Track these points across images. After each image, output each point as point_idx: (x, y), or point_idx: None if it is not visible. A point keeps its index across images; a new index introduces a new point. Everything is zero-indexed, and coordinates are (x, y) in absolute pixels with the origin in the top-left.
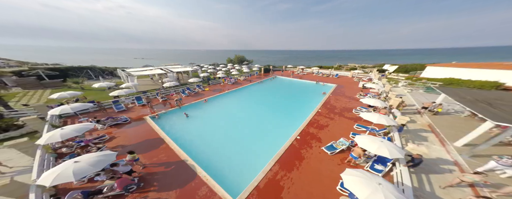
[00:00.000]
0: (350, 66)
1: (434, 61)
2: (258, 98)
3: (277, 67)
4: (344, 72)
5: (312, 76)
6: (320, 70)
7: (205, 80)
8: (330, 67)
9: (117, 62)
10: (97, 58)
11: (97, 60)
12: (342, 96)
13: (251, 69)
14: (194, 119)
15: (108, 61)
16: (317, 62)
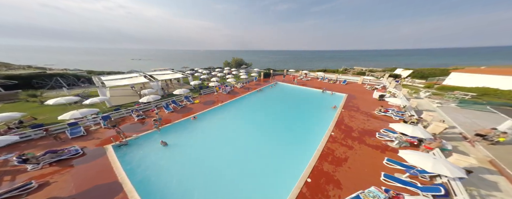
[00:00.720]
0: (357, 70)
1: (439, 61)
2: (256, 114)
3: (277, 71)
4: (351, 77)
5: (317, 83)
6: (325, 75)
7: (196, 88)
8: (335, 70)
9: (113, 63)
10: (93, 59)
11: (90, 62)
12: (357, 111)
13: (249, 73)
14: (175, 149)
15: (102, 63)
16: (318, 63)
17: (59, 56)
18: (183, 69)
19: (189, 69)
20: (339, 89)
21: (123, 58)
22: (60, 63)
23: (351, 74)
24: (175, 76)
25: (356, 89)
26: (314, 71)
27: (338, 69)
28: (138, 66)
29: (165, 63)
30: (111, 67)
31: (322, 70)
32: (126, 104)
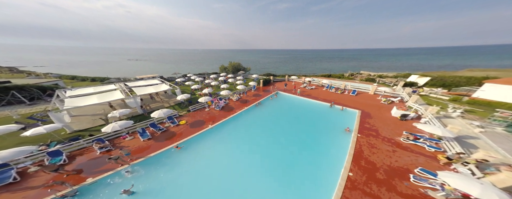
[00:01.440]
0: (365, 75)
1: (444, 61)
2: (253, 140)
3: (278, 77)
4: (360, 85)
5: (323, 92)
6: (331, 82)
7: (185, 103)
8: (340, 75)
9: (106, 64)
10: (86, 59)
11: (81, 63)
12: (377, 137)
13: (248, 81)
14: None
15: (95, 64)
16: (318, 64)
17: (51, 56)
18: (174, 75)
19: (180, 76)
20: (349, 102)
21: (119, 58)
22: (50, 64)
23: (359, 80)
24: (160, 88)
25: (369, 102)
26: (318, 76)
27: (344, 74)
28: (132, 69)
29: (161, 64)
30: (100, 71)
31: (327, 75)
32: (93, 128)
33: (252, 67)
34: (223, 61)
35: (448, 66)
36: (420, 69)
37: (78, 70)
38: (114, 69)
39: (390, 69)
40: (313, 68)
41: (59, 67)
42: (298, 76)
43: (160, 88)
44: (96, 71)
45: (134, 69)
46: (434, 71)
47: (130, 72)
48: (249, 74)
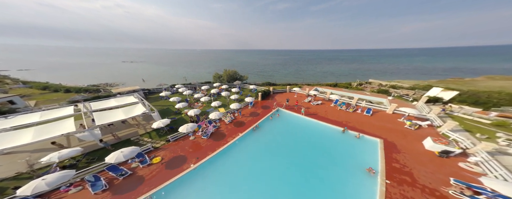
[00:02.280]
0: (375, 84)
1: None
2: (249, 179)
3: (278, 87)
4: (372, 98)
5: (331, 109)
6: (341, 97)
7: (164, 129)
8: (347, 85)
9: (97, 68)
10: (80, 61)
11: (71, 66)
12: (414, 186)
13: (244, 93)
14: None
15: (86, 67)
16: (319, 66)
17: (42, 58)
18: (160, 87)
19: (167, 86)
20: (365, 125)
21: (114, 60)
22: (37, 67)
23: (370, 92)
24: (133, 111)
25: (389, 125)
26: (322, 86)
27: (352, 83)
28: (122, 73)
29: (156, 66)
30: (86, 76)
31: (332, 84)
32: (21, 177)
33: (250, 70)
34: (221, 62)
35: (454, 70)
36: (426, 73)
37: (64, 74)
38: (103, 73)
39: (395, 74)
40: (314, 71)
41: (44, 70)
42: (300, 86)
43: (132, 112)
44: (82, 76)
45: (124, 73)
46: (449, 78)
47: (120, 77)
48: (246, 83)
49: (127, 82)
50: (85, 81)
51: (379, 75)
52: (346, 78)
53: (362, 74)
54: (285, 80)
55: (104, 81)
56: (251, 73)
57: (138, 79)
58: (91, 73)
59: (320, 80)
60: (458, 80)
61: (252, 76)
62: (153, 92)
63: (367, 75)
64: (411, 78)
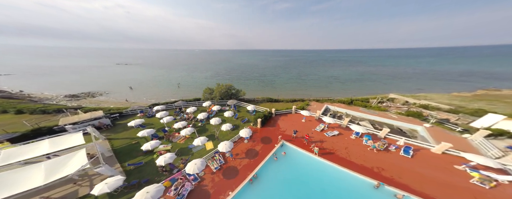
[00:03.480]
0: (400, 102)
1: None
2: None
3: (281, 107)
4: (402, 124)
5: (353, 145)
6: (358, 116)
7: (121, 189)
8: (364, 103)
9: (87, 72)
10: (71, 64)
11: (60, 70)
12: None
13: (240, 115)
14: None
15: (71, 72)
16: (322, 69)
17: (30, 61)
18: (134, 109)
19: (145, 108)
20: (407, 174)
21: (108, 62)
22: (20, 71)
23: (396, 114)
24: (64, 169)
25: (444, 177)
26: (334, 103)
27: (370, 100)
28: (110, 79)
29: (150, 70)
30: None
31: (347, 101)
32: None
33: (250, 75)
34: (219, 65)
35: (470, 74)
36: (440, 78)
37: (46, 80)
38: (91, 78)
39: (407, 79)
40: (317, 76)
41: (26, 75)
42: (307, 102)
43: (62, 170)
44: (65, 82)
45: (114, 78)
46: (479, 89)
47: (107, 84)
48: (243, 99)
49: (112, 90)
50: (65, 89)
51: (389, 81)
52: (354, 85)
53: (370, 79)
54: (288, 86)
55: (88, 89)
56: (250, 78)
57: (126, 87)
58: (76, 79)
59: (326, 87)
60: (498, 94)
61: (252, 82)
62: (126, 116)
63: (376, 81)
64: (426, 84)
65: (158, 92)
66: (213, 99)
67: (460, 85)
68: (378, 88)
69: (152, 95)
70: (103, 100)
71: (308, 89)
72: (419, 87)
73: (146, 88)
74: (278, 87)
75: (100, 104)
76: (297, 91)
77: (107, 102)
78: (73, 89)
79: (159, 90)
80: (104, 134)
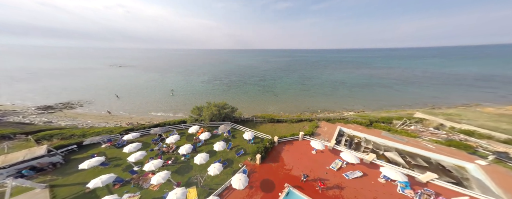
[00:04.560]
0: (432, 124)
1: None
2: None
3: (284, 133)
4: (444, 158)
5: (381, 191)
6: (382, 144)
7: None
8: (387, 124)
9: (74, 75)
10: (61, 67)
11: (44, 74)
12: None
13: (235, 142)
14: None
15: (57, 76)
16: (325, 72)
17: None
18: (101, 138)
19: (115, 136)
20: None
21: (102, 64)
22: (4, 74)
23: (432, 142)
24: None
25: None
26: (348, 124)
27: (393, 122)
28: (95, 86)
29: (144, 73)
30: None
31: (365, 123)
32: None
33: (249, 79)
34: (218, 67)
35: (490, 78)
36: (457, 83)
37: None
38: (77, 83)
39: (420, 84)
40: (321, 80)
41: (6, 80)
42: (315, 123)
43: None
44: (46, 89)
45: (102, 84)
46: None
47: (92, 91)
48: (239, 119)
49: (95, 100)
50: (43, 98)
51: (401, 87)
52: (363, 92)
53: (379, 84)
54: (290, 93)
55: (68, 98)
56: (249, 82)
57: (113, 94)
58: (59, 85)
59: (332, 94)
60: None
61: (251, 88)
62: (88, 146)
63: (387, 87)
64: (441, 90)
65: (148, 102)
66: (203, 121)
67: (482, 94)
68: (391, 97)
69: (140, 106)
70: (81, 112)
71: (313, 96)
72: (434, 95)
73: (135, 96)
74: (279, 94)
75: (76, 118)
76: (301, 99)
77: (85, 115)
78: (51, 98)
79: (149, 99)
80: (48, 178)
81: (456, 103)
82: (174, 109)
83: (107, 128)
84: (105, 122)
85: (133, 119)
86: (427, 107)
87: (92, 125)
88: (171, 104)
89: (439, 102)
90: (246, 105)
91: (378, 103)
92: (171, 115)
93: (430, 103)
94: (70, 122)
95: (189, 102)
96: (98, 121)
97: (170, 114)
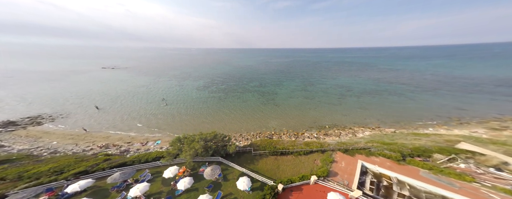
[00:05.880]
0: (491, 163)
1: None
2: None
3: (290, 165)
4: None
5: None
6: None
7: None
8: (425, 156)
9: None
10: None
11: (33, 76)
12: None
13: (227, 188)
14: None
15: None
16: (330, 75)
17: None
18: (31, 195)
19: (54, 185)
20: None
21: (94, 66)
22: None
23: (496, 190)
24: None
25: None
26: (371, 155)
27: (433, 155)
28: (84, 91)
29: (137, 77)
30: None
31: (397, 156)
32: None
33: (247, 85)
34: (215, 69)
35: (507, 84)
36: (474, 91)
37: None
38: (55, 91)
39: (436, 92)
40: (325, 85)
41: None
42: (328, 155)
43: None
44: (20, 97)
45: (84, 92)
46: None
47: (71, 100)
48: (232, 154)
49: (72, 112)
50: (10, 109)
51: (416, 95)
52: (374, 101)
53: (389, 91)
54: (292, 103)
55: (39, 111)
56: (248, 89)
57: (94, 104)
58: (36, 93)
59: (339, 104)
60: None
61: (250, 96)
62: None
63: (400, 95)
64: (462, 99)
65: (133, 114)
66: (187, 157)
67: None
68: (406, 107)
69: (123, 120)
70: (49, 130)
71: (318, 107)
72: (457, 106)
73: (119, 107)
74: (281, 103)
75: (39, 139)
76: (305, 110)
77: (52, 134)
78: (19, 111)
79: (135, 110)
80: None
81: (486, 117)
82: (160, 125)
83: (59, 164)
84: (74, 143)
85: (109, 139)
86: (453, 122)
87: (56, 148)
88: (158, 117)
89: (465, 115)
90: (244, 119)
91: (394, 115)
92: (157, 135)
93: (455, 117)
94: (28, 146)
95: (178, 116)
96: (65, 143)
97: (155, 130)
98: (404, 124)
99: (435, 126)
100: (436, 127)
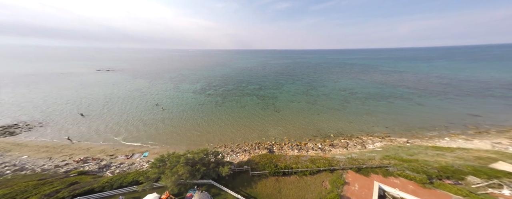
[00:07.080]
0: None
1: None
2: None
3: (294, 188)
4: None
5: None
6: None
7: None
8: (457, 178)
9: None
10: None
11: (23, 78)
12: None
13: None
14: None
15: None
16: (333, 77)
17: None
18: None
19: None
20: None
21: (89, 67)
22: None
23: None
24: None
25: None
26: (389, 175)
27: (467, 180)
28: (74, 95)
29: (132, 80)
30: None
31: (422, 178)
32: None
33: (247, 85)
34: (213, 71)
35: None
36: (484, 94)
37: None
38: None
39: (445, 96)
40: (328, 89)
41: None
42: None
43: None
44: (5, 102)
45: (72, 97)
46: None
47: (52, 107)
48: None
49: (53, 120)
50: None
51: (423, 100)
52: (380, 105)
53: (395, 95)
54: (294, 108)
55: (16, 118)
56: (247, 92)
57: (80, 110)
58: (15, 98)
59: (343, 110)
60: None
61: (249, 100)
62: None
63: (407, 100)
64: (475, 106)
65: (121, 122)
66: (174, 180)
67: None
68: (415, 113)
69: (108, 128)
70: (24, 141)
71: (322, 113)
72: (470, 112)
73: (107, 114)
74: (281, 108)
75: (8, 152)
76: (307, 116)
77: (25, 146)
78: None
79: (124, 117)
80: None
81: (505, 125)
82: (149, 134)
83: (12, 191)
84: (48, 158)
85: (90, 151)
86: (470, 130)
87: (23, 164)
88: (148, 126)
89: (482, 123)
90: (242, 127)
91: (404, 122)
92: (145, 146)
93: (471, 125)
94: None
95: (170, 124)
96: (37, 156)
97: (143, 140)
98: (415, 132)
99: (451, 136)
100: (453, 137)
